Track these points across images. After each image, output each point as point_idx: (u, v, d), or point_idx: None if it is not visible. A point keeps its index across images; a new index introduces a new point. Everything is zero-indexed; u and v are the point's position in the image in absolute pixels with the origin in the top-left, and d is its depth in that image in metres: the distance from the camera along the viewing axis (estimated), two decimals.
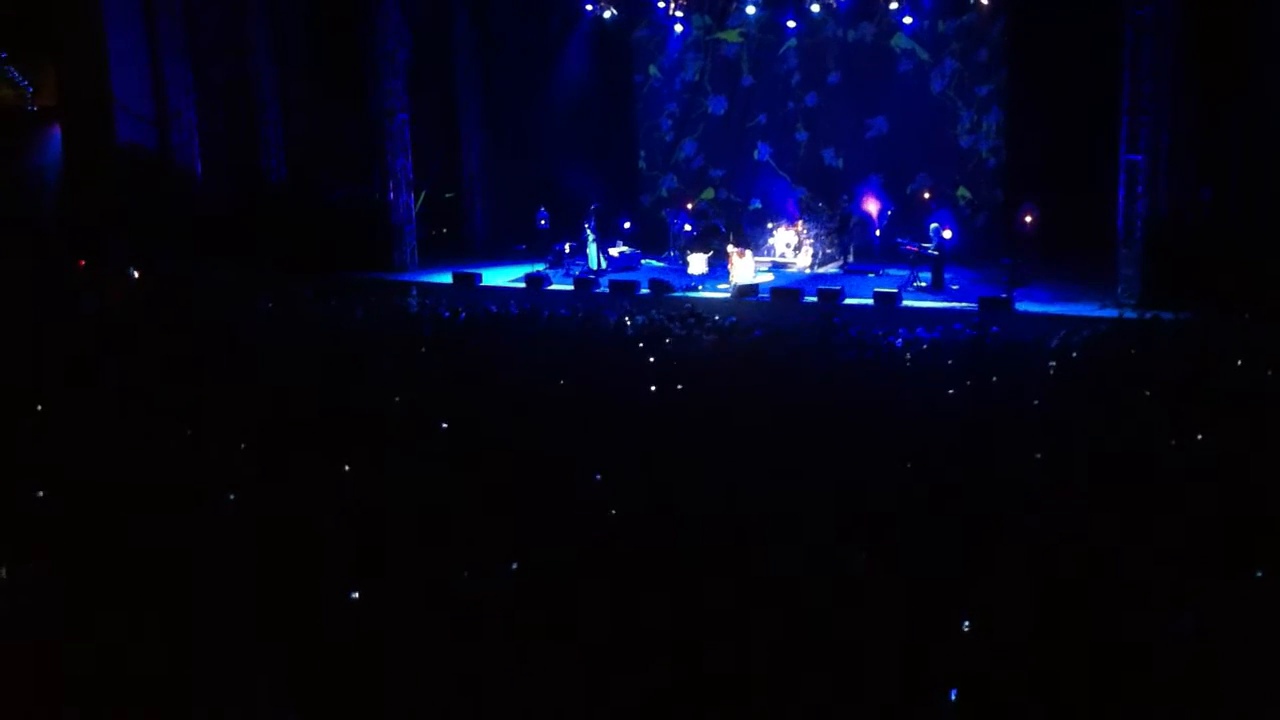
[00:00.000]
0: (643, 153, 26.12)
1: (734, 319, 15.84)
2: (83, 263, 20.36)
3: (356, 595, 6.77)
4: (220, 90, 24.62)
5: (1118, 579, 6.95)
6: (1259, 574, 7.06)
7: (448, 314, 16.55)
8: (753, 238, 23.17)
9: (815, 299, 19.43)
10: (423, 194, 24.58)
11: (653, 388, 11.54)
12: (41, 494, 8.38)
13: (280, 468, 8.97)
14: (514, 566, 7.09)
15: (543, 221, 23.78)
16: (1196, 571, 7.02)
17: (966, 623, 6.42)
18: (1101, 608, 6.64)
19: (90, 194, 23.06)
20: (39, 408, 10.83)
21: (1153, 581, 6.87)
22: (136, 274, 20.99)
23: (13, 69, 24.11)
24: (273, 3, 24.46)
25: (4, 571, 7.11)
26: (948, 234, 20.51)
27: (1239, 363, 12.42)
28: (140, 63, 23.62)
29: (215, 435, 9.87)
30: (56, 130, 24.24)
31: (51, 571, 7.27)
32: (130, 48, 23.42)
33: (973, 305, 18.61)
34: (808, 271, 22.21)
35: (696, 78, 25.36)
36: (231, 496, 8.35)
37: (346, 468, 8.99)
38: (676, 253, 23.38)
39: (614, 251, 22.95)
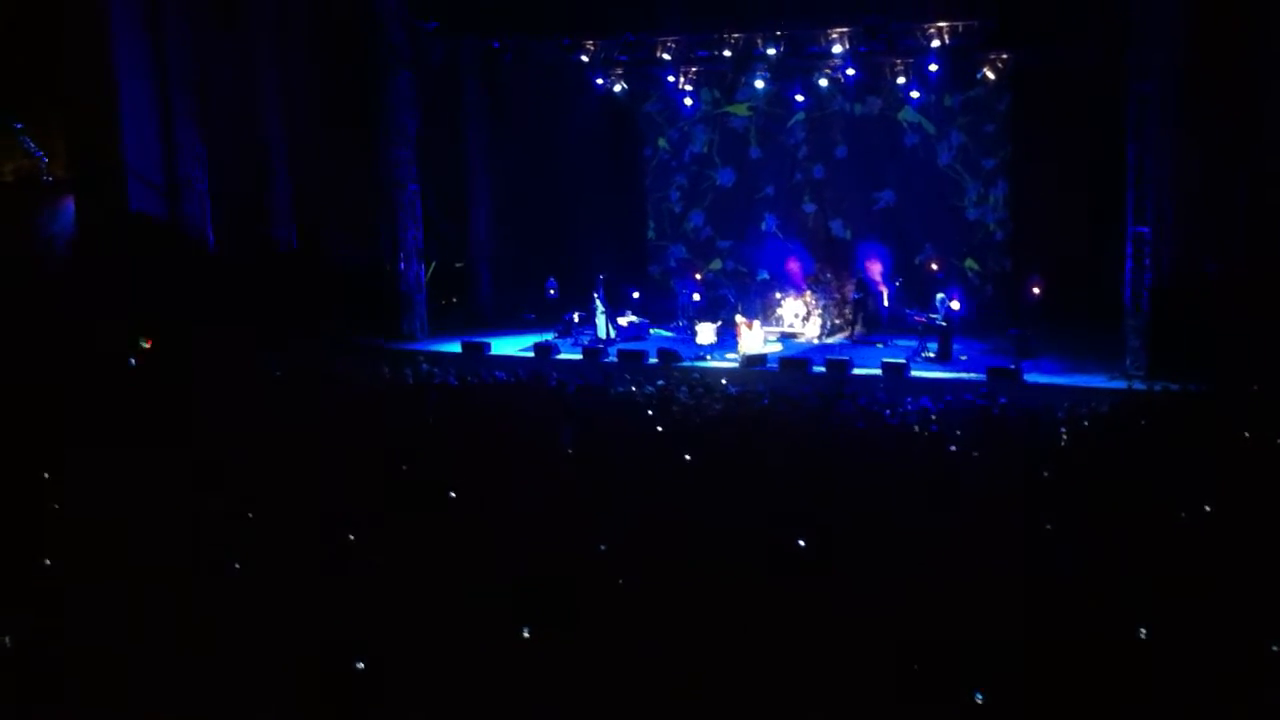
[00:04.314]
0: (652, 223, 26.29)
1: (742, 387, 15.85)
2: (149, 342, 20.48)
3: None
4: (231, 156, 24.74)
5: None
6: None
7: (456, 382, 16.63)
8: (761, 308, 23.22)
9: (823, 369, 19.42)
10: (432, 264, 24.64)
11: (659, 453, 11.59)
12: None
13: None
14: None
15: (552, 291, 23.84)
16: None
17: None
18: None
19: (102, 261, 23.11)
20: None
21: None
22: (148, 342, 21.05)
23: (27, 139, 24.24)
24: (284, 69, 24.67)
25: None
26: (955, 305, 20.55)
27: (1246, 434, 12.39)
28: (152, 130, 23.73)
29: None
30: (69, 200, 24.32)
31: None
32: (144, 115, 23.54)
33: (981, 376, 18.59)
34: (816, 342, 22.22)
35: (705, 150, 25.60)
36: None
37: None
38: (685, 322, 23.40)
39: (623, 321, 23.00)
